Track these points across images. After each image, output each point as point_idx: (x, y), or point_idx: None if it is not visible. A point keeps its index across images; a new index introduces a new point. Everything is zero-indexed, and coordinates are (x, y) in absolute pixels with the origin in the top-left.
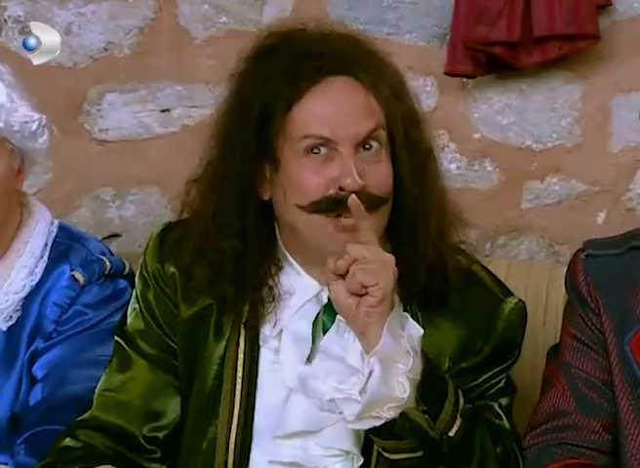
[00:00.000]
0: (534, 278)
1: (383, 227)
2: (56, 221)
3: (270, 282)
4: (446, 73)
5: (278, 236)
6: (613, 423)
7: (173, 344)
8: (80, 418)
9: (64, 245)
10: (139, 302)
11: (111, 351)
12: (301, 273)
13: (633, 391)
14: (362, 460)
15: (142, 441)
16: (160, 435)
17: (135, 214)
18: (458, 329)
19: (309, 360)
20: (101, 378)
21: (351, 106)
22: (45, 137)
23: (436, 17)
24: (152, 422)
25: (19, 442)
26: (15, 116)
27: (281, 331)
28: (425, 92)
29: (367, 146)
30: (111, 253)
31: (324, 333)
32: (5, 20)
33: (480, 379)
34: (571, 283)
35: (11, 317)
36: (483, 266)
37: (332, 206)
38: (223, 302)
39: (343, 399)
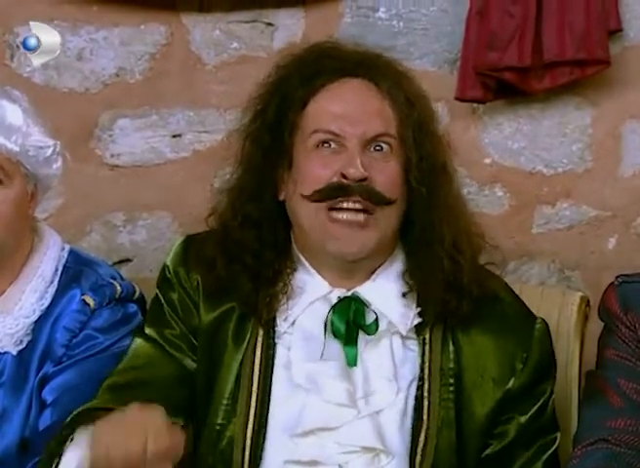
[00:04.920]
0: (545, 303)
1: (391, 232)
2: (66, 246)
3: (285, 278)
4: (456, 99)
5: (292, 237)
6: None
7: (195, 343)
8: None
9: (75, 269)
10: (163, 307)
11: None
12: (312, 273)
13: None
14: (392, 458)
15: None
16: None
17: (145, 239)
18: (498, 351)
19: (322, 358)
20: (110, 378)
21: (364, 107)
22: (59, 164)
23: (446, 42)
24: (172, 417)
25: (28, 467)
26: (30, 141)
27: (293, 323)
28: None
29: (377, 147)
30: (122, 278)
31: (333, 334)
32: (17, 46)
33: (529, 413)
34: (605, 309)
35: (21, 341)
36: (509, 287)
37: (332, 192)
38: (242, 296)
39: None
